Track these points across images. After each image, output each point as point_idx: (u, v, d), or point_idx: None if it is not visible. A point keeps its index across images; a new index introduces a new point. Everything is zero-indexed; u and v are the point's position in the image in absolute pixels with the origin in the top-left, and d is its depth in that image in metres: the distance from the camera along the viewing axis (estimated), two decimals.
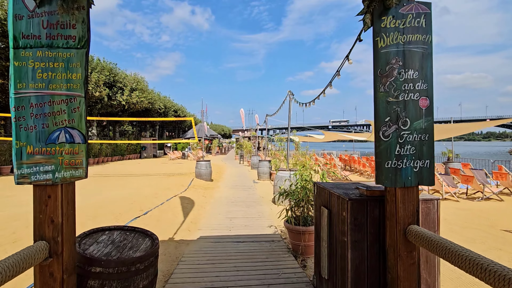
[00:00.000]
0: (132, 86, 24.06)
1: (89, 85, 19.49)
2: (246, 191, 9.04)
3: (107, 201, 6.49)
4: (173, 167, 17.34)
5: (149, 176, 12.20)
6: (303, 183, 3.76)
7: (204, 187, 9.36)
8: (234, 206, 6.81)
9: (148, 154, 30.60)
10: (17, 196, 6.95)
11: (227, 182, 11.00)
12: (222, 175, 13.48)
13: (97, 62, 21.87)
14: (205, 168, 10.69)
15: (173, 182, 10.09)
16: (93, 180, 10.76)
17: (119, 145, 24.78)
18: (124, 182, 10.16)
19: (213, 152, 38.14)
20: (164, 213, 5.56)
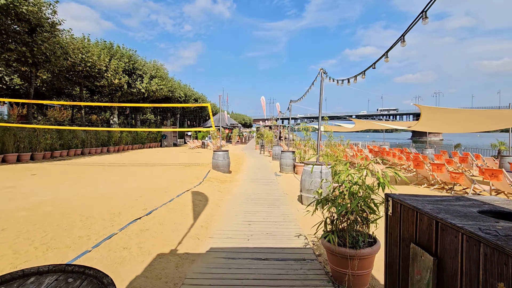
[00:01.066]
0: (151, 73, 23.60)
1: (108, 72, 19.19)
2: (267, 186, 8.03)
3: (111, 195, 5.75)
4: (191, 156, 16.71)
5: (165, 166, 11.54)
6: (355, 189, 2.63)
7: (220, 180, 8.47)
8: (254, 204, 5.83)
9: (168, 143, 30.48)
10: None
11: (247, 175, 10.06)
12: (241, 166, 12.57)
13: (116, 49, 21.52)
14: (223, 159, 9.78)
15: (188, 173, 9.30)
16: (107, 169, 10.26)
17: (140, 134, 24.65)
18: (137, 172, 9.52)
19: (233, 142, 37.46)
20: (171, 213, 4.69)
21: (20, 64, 13.59)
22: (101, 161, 13.21)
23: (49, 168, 10.22)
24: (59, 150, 14.88)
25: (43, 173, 9.03)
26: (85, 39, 17.65)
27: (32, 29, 12.09)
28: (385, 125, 17.35)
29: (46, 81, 19.80)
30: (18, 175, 8.49)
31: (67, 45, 15.38)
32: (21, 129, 12.86)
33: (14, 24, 11.34)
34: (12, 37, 11.69)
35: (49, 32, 12.54)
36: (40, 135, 13.60)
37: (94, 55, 17.44)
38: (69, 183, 7.12)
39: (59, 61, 14.22)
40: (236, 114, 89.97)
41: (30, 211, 4.42)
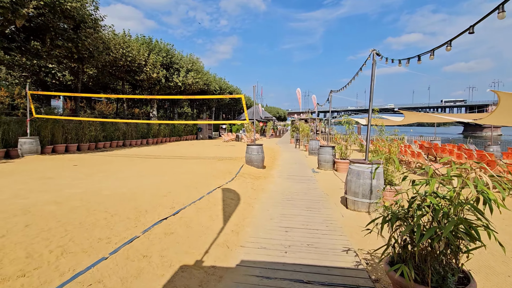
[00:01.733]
0: (187, 67, 23.88)
1: (147, 66, 19.70)
2: (304, 184, 7.32)
3: (140, 190, 5.53)
4: (225, 149, 16.51)
5: (198, 159, 11.38)
6: (443, 205, 1.84)
7: (254, 176, 7.95)
8: (291, 206, 5.19)
9: (204, 136, 30.97)
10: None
11: (282, 171, 9.42)
12: (276, 161, 11.95)
13: (155, 44, 22.04)
14: (257, 153, 9.25)
15: (221, 167, 8.94)
16: (142, 161, 10.36)
17: (177, 126, 25.26)
18: (170, 165, 9.42)
19: (268, 135, 36.93)
20: (199, 214, 4.26)
21: (68, 60, 14.37)
22: (138, 153, 13.55)
23: (90, 159, 10.62)
24: (102, 141, 15.64)
25: (83, 164, 9.34)
26: (126, 35, 18.23)
27: (76, 26, 12.61)
28: (448, 117, 15.25)
29: (92, 76, 21.00)
30: (62, 165, 8.85)
31: (109, 41, 15.96)
32: (68, 122, 13.65)
33: (61, 22, 11.86)
34: (59, 34, 12.29)
35: (92, 28, 12.99)
36: (85, 127, 14.35)
37: (134, 49, 17.96)
38: (104, 175, 7.14)
39: (102, 56, 14.78)
40: (270, 107, 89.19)
41: (59, 205, 4.30)
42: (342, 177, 8.41)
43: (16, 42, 12.34)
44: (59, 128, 12.74)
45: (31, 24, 12.32)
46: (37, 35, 12.73)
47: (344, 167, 9.41)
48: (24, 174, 7.01)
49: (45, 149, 11.95)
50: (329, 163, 9.78)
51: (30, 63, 18.42)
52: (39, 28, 12.39)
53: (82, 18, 12.33)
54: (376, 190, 4.68)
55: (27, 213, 3.83)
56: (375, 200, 4.70)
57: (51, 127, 12.26)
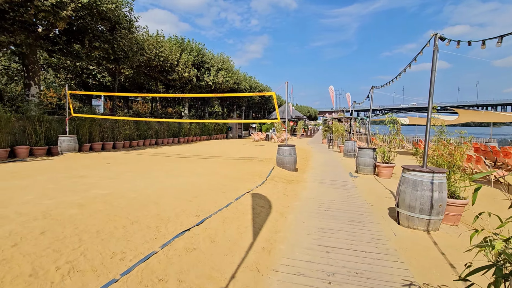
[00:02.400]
0: (218, 66, 23.86)
1: (179, 66, 19.93)
2: (343, 191, 6.55)
3: (165, 193, 5.21)
4: (254, 149, 16.07)
5: (227, 159, 11.03)
6: None
7: (286, 180, 7.34)
8: (330, 218, 4.51)
9: (233, 135, 30.93)
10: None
11: (316, 174, 8.69)
12: (309, 163, 11.20)
13: (187, 44, 22.29)
14: (289, 154, 8.62)
15: (250, 169, 8.46)
16: (172, 160, 10.24)
17: (207, 125, 25.42)
18: (198, 165, 9.15)
19: (298, 134, 35.95)
20: (225, 225, 3.78)
21: (105, 61, 14.88)
22: (169, 152, 13.60)
23: (123, 157, 10.76)
24: (136, 140, 16.04)
25: (116, 162, 9.43)
26: (159, 36, 18.56)
27: (112, 27, 12.93)
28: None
29: (128, 77, 21.80)
30: (95, 163, 8.99)
31: (143, 42, 16.30)
32: (105, 120, 14.11)
33: (98, 24, 12.21)
34: (97, 36, 12.69)
35: (127, 29, 13.25)
36: (120, 126, 14.77)
37: (166, 49, 18.23)
38: (132, 175, 7.01)
39: (136, 57, 15.11)
40: (300, 106, 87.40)
41: (81, 208, 4.08)
42: (386, 184, 7.48)
43: (58, 45, 12.98)
44: (96, 126, 13.19)
45: (72, 28, 12.89)
46: (77, 37, 13.30)
47: (387, 172, 8.42)
48: (58, 172, 7.12)
49: (83, 146, 12.43)
50: (370, 167, 8.83)
51: (73, 65, 19.58)
52: (78, 30, 12.92)
53: (118, 20, 12.60)
54: (438, 204, 3.83)
55: (47, 217, 3.64)
56: (436, 217, 3.86)
57: (88, 125, 12.72)
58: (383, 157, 8.62)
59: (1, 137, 9.23)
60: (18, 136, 10.23)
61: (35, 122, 10.51)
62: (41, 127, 10.66)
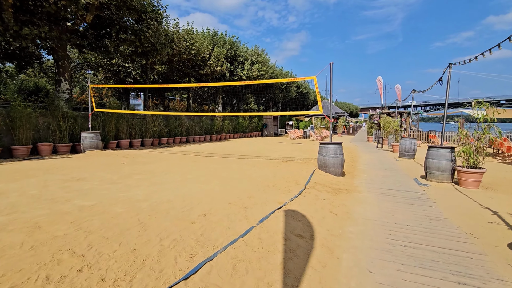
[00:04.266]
0: (252, 59, 22.44)
1: (211, 60, 18.91)
2: (417, 208, 4.56)
3: (166, 207, 3.81)
4: (290, 148, 14.29)
5: (258, 159, 9.47)
6: None
7: (331, 188, 5.53)
8: (414, 264, 2.67)
9: (269, 132, 29.38)
10: None
11: (370, 180, 6.69)
12: (357, 165, 9.15)
13: (220, 36, 21.24)
14: (334, 155, 6.74)
15: (284, 172, 6.79)
16: (197, 160, 8.96)
17: (241, 122, 24.23)
18: (223, 166, 7.72)
19: (339, 132, 33.13)
20: (235, 276, 2.20)
21: (134, 55, 14.31)
22: (197, 150, 12.49)
23: (145, 156, 9.81)
24: (166, 137, 15.32)
25: (134, 161, 8.44)
26: (190, 28, 17.66)
27: (138, 18, 12.17)
28: None
29: (161, 73, 21.44)
30: (112, 162, 8.09)
31: (172, 33, 15.49)
32: (133, 117, 13.52)
33: (125, 14, 11.49)
34: (123, 27, 12.02)
35: (153, 18, 12.40)
36: (149, 122, 14.09)
37: (197, 42, 17.28)
38: (140, 178, 5.80)
39: (165, 49, 14.30)
40: (341, 103, 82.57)
41: (33, 232, 2.83)
42: (476, 197, 5.24)
43: (87, 39, 12.61)
44: (123, 123, 12.60)
45: (99, 21, 12.41)
46: (105, 30, 12.83)
47: (473, 181, 6.09)
48: (59, 173, 6.22)
49: (109, 144, 11.88)
50: (446, 173, 6.56)
51: (109, 63, 19.68)
52: (106, 23, 12.40)
53: (144, 9, 11.77)
54: None
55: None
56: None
57: (115, 122, 12.15)
58: (468, 160, 6.29)
59: (22, 133, 8.82)
60: (42, 133, 9.85)
61: (59, 118, 10.06)
62: (65, 123, 10.20)
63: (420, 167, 9.04)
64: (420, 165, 9.60)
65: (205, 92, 33.47)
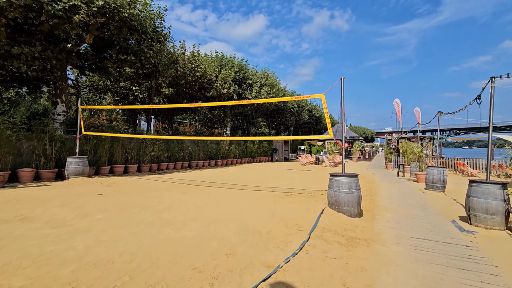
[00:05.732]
0: (261, 81, 21.81)
1: (217, 82, 18.35)
2: (471, 275, 3.08)
3: (120, 270, 2.57)
4: (299, 176, 12.89)
5: (260, 191, 8.16)
6: None
7: (345, 239, 4.13)
8: None
9: (279, 157, 28.06)
10: None
11: (396, 223, 5.21)
12: (377, 199, 7.65)
13: (228, 59, 20.89)
14: (348, 190, 5.37)
15: (285, 211, 5.44)
16: (186, 191, 7.73)
17: (249, 147, 23.14)
18: (213, 201, 6.46)
19: (354, 158, 31.34)
20: None
21: (136, 77, 13.83)
22: (194, 178, 11.33)
23: (131, 185, 8.71)
24: (166, 162, 14.35)
25: (115, 191, 7.35)
26: (197, 51, 17.30)
27: (139, 38, 11.74)
28: None
29: (168, 96, 21.08)
30: (86, 193, 7.02)
31: (177, 55, 15.08)
32: (130, 140, 12.71)
33: (125, 34, 11.07)
34: (124, 48, 11.58)
35: (154, 39, 11.93)
36: (148, 146, 13.23)
37: (203, 63, 16.81)
38: (100, 218, 4.64)
39: (168, 70, 13.76)
40: (355, 127, 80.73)
41: None
42: None
43: (87, 60, 12.24)
44: (118, 147, 11.76)
45: (100, 42, 12.08)
46: (105, 51, 12.47)
47: None
48: (8, 208, 5.16)
49: (101, 169, 10.97)
50: (497, 217, 5.01)
51: (116, 85, 19.51)
52: (106, 44, 12.05)
53: (144, 29, 11.34)
54: None
55: None
56: None
57: (109, 146, 11.32)
58: None
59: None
60: (26, 157, 9.05)
61: (45, 142, 9.29)
62: (52, 147, 9.41)
63: (454, 203, 7.43)
64: (453, 200, 7.97)
65: (215, 116, 33.07)
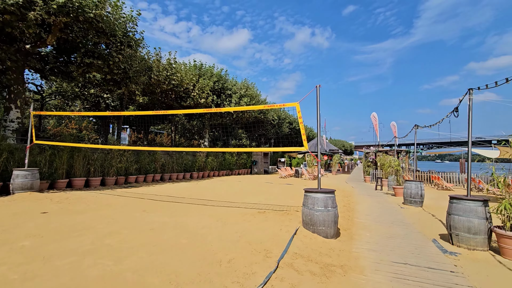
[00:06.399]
0: (241, 92, 21.44)
1: (194, 91, 17.72)
2: None
3: None
4: (277, 190, 12.34)
5: (231, 207, 7.49)
6: None
7: (319, 267, 3.56)
8: None
9: (259, 170, 27.48)
10: None
11: (376, 244, 4.74)
12: (356, 216, 7.23)
13: (207, 68, 20.40)
14: (324, 208, 4.85)
15: (254, 232, 4.82)
16: (155, 207, 6.89)
17: (227, 159, 22.42)
18: (177, 221, 5.72)
19: (333, 170, 31.40)
20: None
21: (105, 83, 12.93)
22: (163, 192, 10.46)
23: (85, 201, 7.72)
24: (135, 175, 13.31)
25: (62, 210, 6.39)
26: (171, 57, 16.62)
27: (108, 42, 10.98)
28: None
29: (142, 104, 20.11)
30: (26, 211, 6.03)
31: (151, 62, 14.37)
32: (94, 151, 11.66)
33: (92, 36, 10.27)
34: (89, 51, 10.75)
35: (123, 43, 11.21)
36: (114, 157, 12.20)
37: (179, 72, 16.17)
38: (21, 247, 3.79)
39: (139, 78, 12.98)
40: (335, 140, 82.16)
41: None
42: None
43: (48, 63, 11.25)
44: (79, 158, 10.69)
45: (63, 45, 11.19)
46: (71, 55, 11.56)
47: None
48: None
49: (57, 183, 9.83)
50: (479, 236, 4.67)
51: (85, 92, 18.33)
52: (70, 47, 11.17)
53: (113, 32, 10.61)
54: None
55: None
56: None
57: (67, 156, 10.24)
58: (511, 219, 4.45)
59: None
60: None
61: None
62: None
63: (433, 220, 7.15)
64: (432, 215, 7.72)
65: (194, 127, 32.16)
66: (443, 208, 7.12)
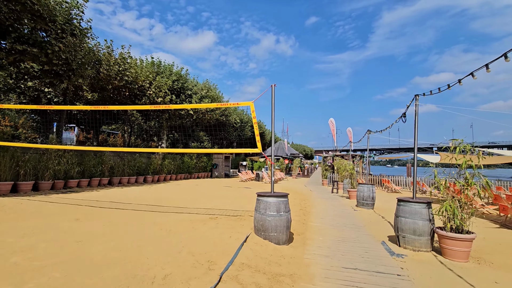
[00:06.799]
0: (201, 93, 20.74)
1: (151, 89, 16.65)
2: None
3: None
4: (235, 194, 11.97)
5: (181, 213, 6.93)
6: None
7: (266, 278, 3.26)
8: None
9: (219, 173, 26.84)
10: None
11: (328, 249, 4.62)
12: (310, 219, 7.16)
13: (165, 67, 19.37)
14: (276, 213, 4.60)
15: (201, 241, 4.39)
16: (92, 215, 6.02)
17: (186, 162, 21.47)
18: (115, 231, 5.03)
19: (294, 174, 32.01)
20: None
21: (43, 75, 11.42)
22: (107, 197, 9.44)
23: (2, 209, 6.55)
24: (76, 178, 11.92)
25: None
26: (124, 51, 15.33)
27: (46, 28, 9.69)
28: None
29: (91, 101, 18.36)
30: None
31: (100, 54, 13.12)
32: (25, 151, 10.16)
33: (32, 23, 8.95)
34: (22, 36, 9.37)
35: (65, 31, 10.00)
36: (51, 159, 10.76)
37: (132, 68, 15.04)
38: None
39: (85, 71, 11.71)
40: (296, 145, 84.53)
41: None
42: (479, 283, 3.42)
43: None
44: (5, 159, 9.19)
45: None
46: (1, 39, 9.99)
47: (461, 250, 4.38)
48: None
49: None
50: (423, 237, 4.82)
51: (22, 86, 16.16)
52: (0, 30, 9.64)
53: (52, 17, 9.40)
54: None
55: None
56: None
57: None
58: (451, 220, 4.65)
59: None
60: None
61: None
62: None
63: (382, 221, 7.40)
64: (381, 217, 8.00)
65: (152, 128, 30.41)
66: (392, 210, 7.38)
